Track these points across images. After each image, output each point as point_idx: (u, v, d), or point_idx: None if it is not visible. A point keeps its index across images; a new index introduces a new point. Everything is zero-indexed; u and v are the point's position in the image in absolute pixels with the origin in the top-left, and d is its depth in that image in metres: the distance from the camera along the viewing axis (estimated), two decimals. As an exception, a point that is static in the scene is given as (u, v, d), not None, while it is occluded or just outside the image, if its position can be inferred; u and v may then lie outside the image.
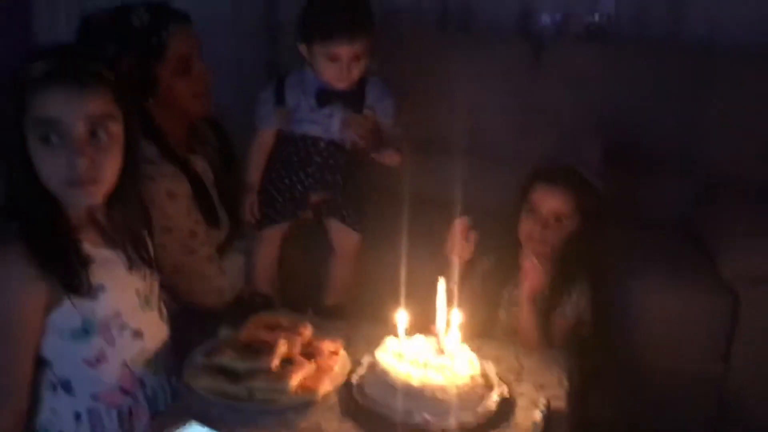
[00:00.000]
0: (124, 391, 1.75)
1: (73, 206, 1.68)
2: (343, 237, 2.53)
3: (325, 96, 2.39)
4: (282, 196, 2.47)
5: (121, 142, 1.67)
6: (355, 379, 1.77)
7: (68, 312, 1.65)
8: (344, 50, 2.30)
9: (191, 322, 2.02)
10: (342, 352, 1.87)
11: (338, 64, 2.32)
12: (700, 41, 3.15)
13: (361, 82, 2.42)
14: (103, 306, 1.69)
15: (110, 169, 1.66)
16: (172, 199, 2.14)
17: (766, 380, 2.53)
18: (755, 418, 2.55)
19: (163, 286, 1.93)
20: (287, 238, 2.56)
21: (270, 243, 2.51)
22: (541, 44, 3.16)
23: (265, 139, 2.47)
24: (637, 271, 2.58)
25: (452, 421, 1.64)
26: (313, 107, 2.41)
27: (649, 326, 2.54)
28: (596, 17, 3.26)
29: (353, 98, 2.41)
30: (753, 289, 2.50)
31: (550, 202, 2.21)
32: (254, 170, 2.47)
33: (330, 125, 2.43)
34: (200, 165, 2.31)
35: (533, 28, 3.32)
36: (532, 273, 2.15)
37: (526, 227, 2.24)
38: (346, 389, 1.76)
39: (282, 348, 1.76)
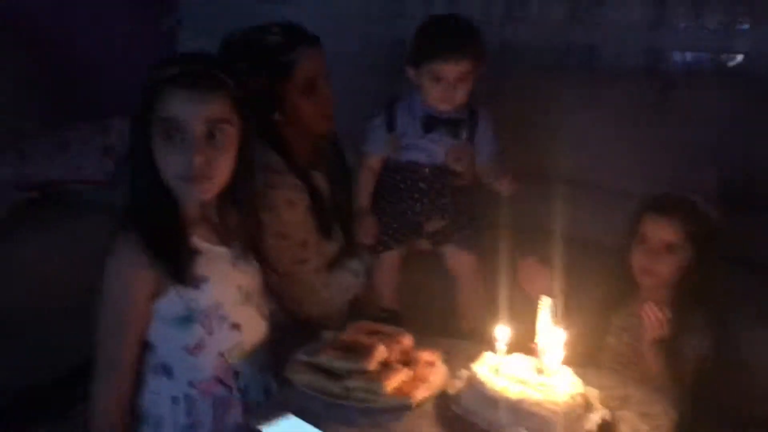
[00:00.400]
0: (219, 381, 1.79)
1: (187, 201, 1.76)
2: (458, 261, 2.51)
3: (431, 122, 2.41)
4: (396, 221, 2.49)
5: (236, 145, 1.75)
6: (452, 389, 1.75)
7: (173, 300, 1.71)
8: (449, 69, 2.31)
9: (296, 327, 2.04)
10: (439, 363, 1.85)
11: (443, 84, 2.33)
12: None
13: (470, 112, 2.44)
14: (206, 296, 1.74)
15: (223, 168, 1.73)
16: (290, 207, 2.20)
17: None
18: None
19: (273, 291, 1.99)
20: (408, 263, 2.55)
21: (389, 267, 2.52)
22: (671, 82, 3.08)
23: (373, 164, 2.49)
24: (752, 315, 2.40)
25: (552, 437, 1.58)
26: (419, 133, 2.43)
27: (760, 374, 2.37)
28: (729, 56, 3.15)
29: (458, 125, 2.43)
30: None
31: (661, 231, 2.11)
32: (364, 194, 2.49)
33: (435, 151, 2.44)
34: (320, 180, 2.36)
35: (662, 65, 3.25)
36: (652, 322, 2.03)
37: (638, 259, 2.15)
38: (443, 398, 1.74)
39: (381, 351, 1.78)
